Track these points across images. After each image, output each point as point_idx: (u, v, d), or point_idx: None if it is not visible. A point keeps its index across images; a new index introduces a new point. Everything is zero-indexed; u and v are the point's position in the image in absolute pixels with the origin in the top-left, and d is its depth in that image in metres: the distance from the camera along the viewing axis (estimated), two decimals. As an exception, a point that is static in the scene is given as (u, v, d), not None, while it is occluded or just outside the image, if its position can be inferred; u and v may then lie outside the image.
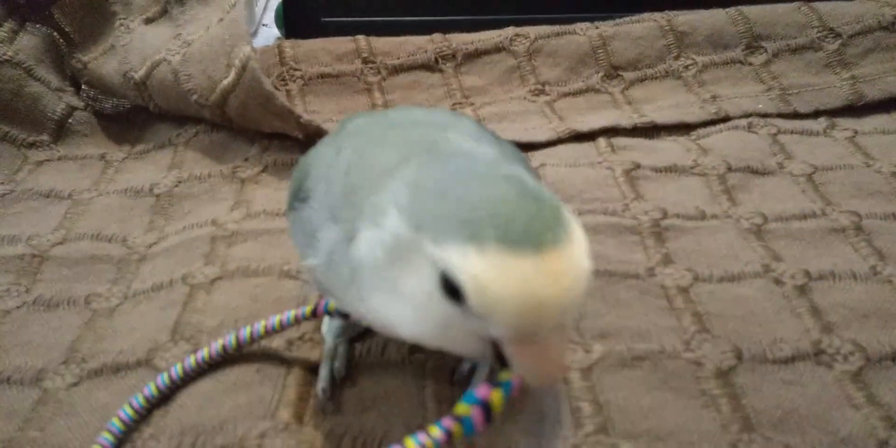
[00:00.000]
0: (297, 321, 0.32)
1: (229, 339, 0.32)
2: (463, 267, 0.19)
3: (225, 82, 0.48)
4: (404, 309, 0.22)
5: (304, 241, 0.27)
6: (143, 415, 0.31)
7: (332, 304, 0.30)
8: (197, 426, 0.29)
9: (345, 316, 0.31)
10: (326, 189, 0.26)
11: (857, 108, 0.55)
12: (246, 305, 0.37)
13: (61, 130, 0.54)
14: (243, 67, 0.47)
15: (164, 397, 0.31)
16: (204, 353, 0.32)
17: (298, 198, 0.28)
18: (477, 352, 0.22)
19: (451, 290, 0.20)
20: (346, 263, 0.24)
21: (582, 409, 0.31)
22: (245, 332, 0.32)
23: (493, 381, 0.22)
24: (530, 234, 0.19)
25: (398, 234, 0.21)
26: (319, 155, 0.29)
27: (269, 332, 0.32)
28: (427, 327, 0.22)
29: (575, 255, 0.20)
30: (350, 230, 0.24)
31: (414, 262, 0.21)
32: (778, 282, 0.38)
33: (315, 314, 0.31)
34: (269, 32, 0.65)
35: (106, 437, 0.29)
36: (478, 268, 0.19)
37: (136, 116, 0.57)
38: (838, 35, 0.59)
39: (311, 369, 0.33)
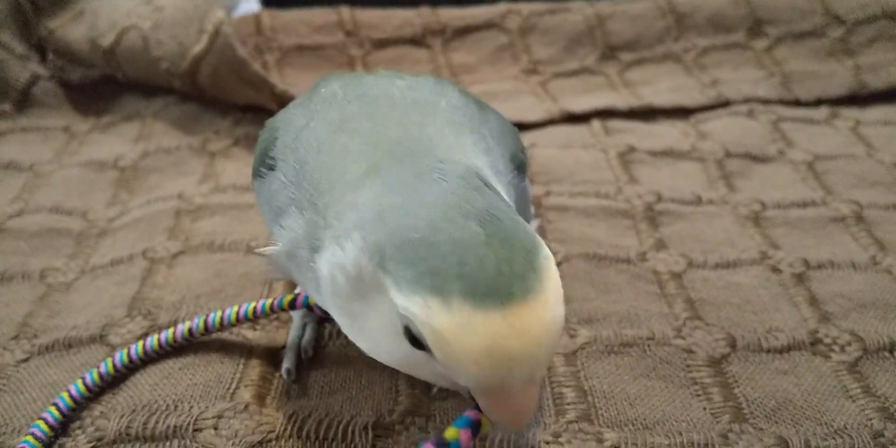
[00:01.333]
0: (273, 311, 0.30)
1: (196, 323, 0.30)
2: (426, 321, 0.17)
3: (196, 49, 0.46)
4: (367, 339, 0.21)
5: (269, 216, 0.26)
6: (95, 392, 0.29)
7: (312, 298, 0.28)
8: (150, 404, 0.28)
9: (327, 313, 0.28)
10: (296, 167, 0.24)
11: (859, 98, 0.54)
12: (209, 280, 0.35)
13: (25, 100, 0.52)
14: (216, 32, 0.45)
15: (119, 375, 0.30)
16: (168, 334, 0.30)
17: (265, 164, 0.26)
18: (447, 385, 0.20)
19: (415, 338, 0.18)
20: (308, 269, 0.22)
21: (565, 395, 0.29)
22: (214, 318, 0.30)
23: (440, 441, 0.20)
24: (499, 285, 0.17)
25: (360, 266, 0.19)
26: (289, 119, 0.27)
27: (241, 320, 0.30)
28: (391, 360, 0.21)
29: (546, 306, 0.18)
30: (313, 235, 0.22)
31: (375, 301, 0.19)
32: (775, 270, 0.36)
33: (293, 306, 0.30)
34: (249, 7, 0.63)
35: (51, 412, 0.27)
36: (441, 323, 0.17)
37: (103, 87, 0.55)
38: (842, 22, 0.58)
39: (277, 349, 0.31)
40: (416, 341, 0.19)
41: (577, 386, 0.29)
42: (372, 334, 0.20)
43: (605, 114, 0.52)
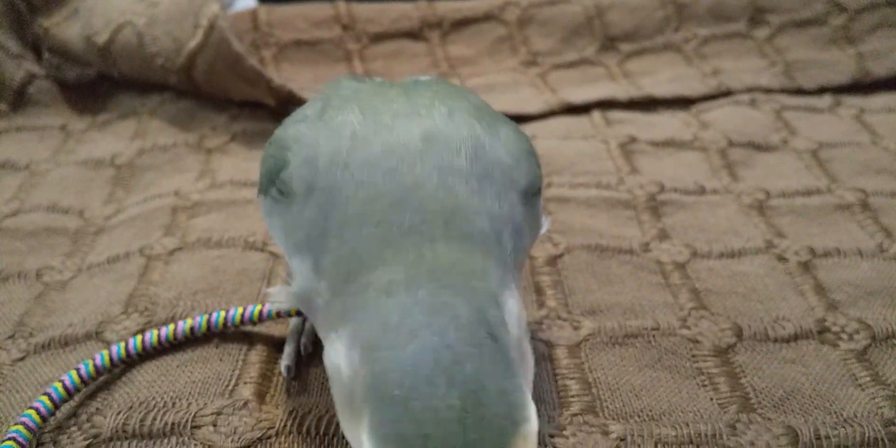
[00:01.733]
0: (279, 316, 0.29)
1: (199, 321, 0.30)
2: None
3: (192, 44, 0.46)
4: (349, 437, 0.21)
5: (281, 239, 0.25)
6: (89, 384, 0.28)
7: None
8: (147, 401, 0.27)
9: None
10: (319, 213, 0.23)
11: (863, 86, 0.53)
12: (206, 277, 0.34)
13: (20, 99, 0.52)
14: (211, 27, 0.45)
15: (114, 369, 0.29)
16: (168, 331, 0.30)
17: (276, 186, 0.24)
18: None
19: None
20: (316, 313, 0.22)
21: (569, 387, 0.28)
22: (217, 317, 0.30)
23: None
24: None
25: (354, 386, 0.19)
26: (300, 139, 0.25)
27: (245, 322, 0.30)
28: None
29: None
30: (330, 303, 0.22)
31: (357, 422, 0.19)
32: (781, 258, 0.36)
33: (300, 313, 0.29)
34: (246, 3, 0.63)
35: (43, 402, 0.26)
36: None
37: (99, 85, 0.55)
38: (844, 9, 0.57)
39: (276, 345, 0.31)
40: None
41: (582, 378, 0.29)
42: (350, 437, 0.21)
43: (606, 105, 0.51)
